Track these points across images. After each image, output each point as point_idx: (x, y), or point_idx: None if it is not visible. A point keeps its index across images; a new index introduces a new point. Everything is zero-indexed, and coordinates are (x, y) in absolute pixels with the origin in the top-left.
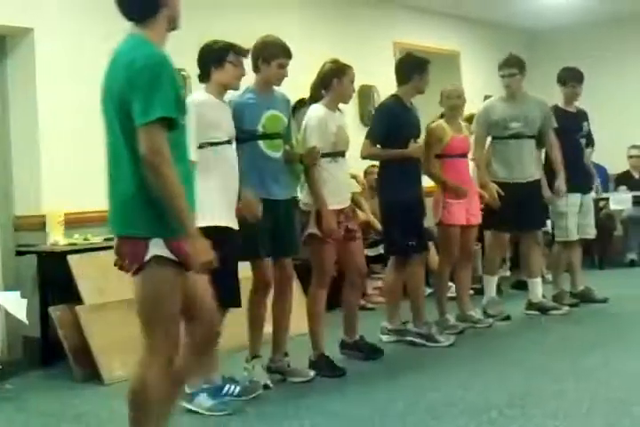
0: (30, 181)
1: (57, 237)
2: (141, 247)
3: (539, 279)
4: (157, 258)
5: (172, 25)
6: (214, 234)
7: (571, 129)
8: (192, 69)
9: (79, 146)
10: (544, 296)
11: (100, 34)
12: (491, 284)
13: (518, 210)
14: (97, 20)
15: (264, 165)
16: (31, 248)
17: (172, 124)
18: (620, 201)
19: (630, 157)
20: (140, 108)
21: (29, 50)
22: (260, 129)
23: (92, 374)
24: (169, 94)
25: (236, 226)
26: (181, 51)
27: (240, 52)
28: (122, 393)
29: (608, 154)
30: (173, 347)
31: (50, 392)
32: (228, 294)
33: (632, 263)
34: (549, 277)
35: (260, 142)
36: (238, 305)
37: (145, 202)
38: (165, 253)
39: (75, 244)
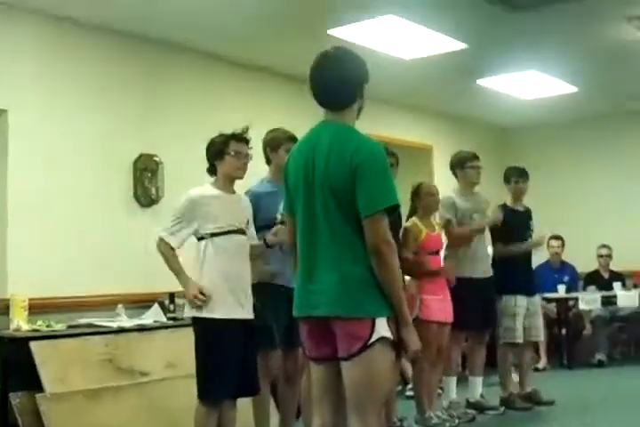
0: None
1: (20, 323)
2: (368, 328)
3: (480, 378)
4: (383, 339)
5: (359, 115)
6: (204, 325)
7: (520, 228)
8: (164, 156)
9: (47, 231)
10: (482, 395)
11: (75, 116)
12: (450, 385)
13: (481, 307)
14: (72, 102)
15: (283, 253)
16: None
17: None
18: (590, 301)
19: (600, 256)
20: (367, 198)
21: (2, 130)
22: (279, 216)
23: None
24: (392, 182)
25: (242, 315)
26: (153, 138)
27: (240, 138)
28: None
29: (578, 253)
30: None
31: None
32: (208, 386)
33: (600, 364)
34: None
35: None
36: (212, 398)
37: (375, 284)
38: (389, 335)
39: (38, 330)
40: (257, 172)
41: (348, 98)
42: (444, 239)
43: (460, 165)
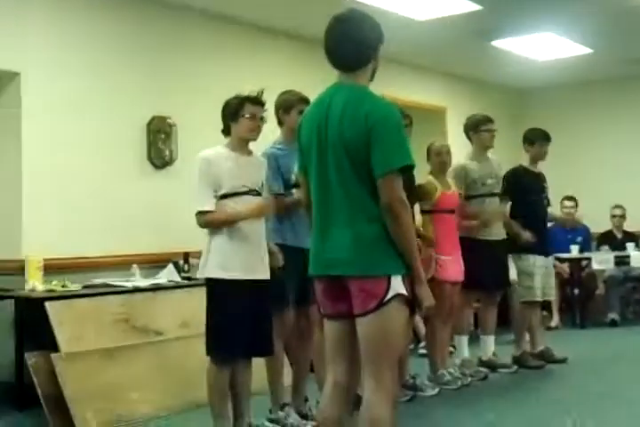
0: (11, 225)
1: (35, 283)
2: (383, 285)
3: (492, 337)
4: (399, 296)
5: (372, 76)
6: (217, 285)
7: (536, 189)
8: (177, 118)
9: (62, 193)
10: (494, 354)
11: (87, 77)
12: (462, 343)
13: (494, 269)
14: (85, 64)
15: (294, 214)
16: (9, 293)
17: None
18: (603, 261)
19: (613, 216)
20: (382, 157)
21: (16, 94)
22: (292, 178)
23: (66, 423)
24: (407, 142)
25: (255, 276)
26: (167, 99)
27: (256, 101)
28: None
29: (591, 213)
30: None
31: None
32: (216, 344)
33: (613, 323)
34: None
35: (294, 191)
36: (220, 356)
37: (390, 242)
38: (405, 291)
39: (53, 290)
40: (266, 134)
41: (363, 58)
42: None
43: (474, 128)
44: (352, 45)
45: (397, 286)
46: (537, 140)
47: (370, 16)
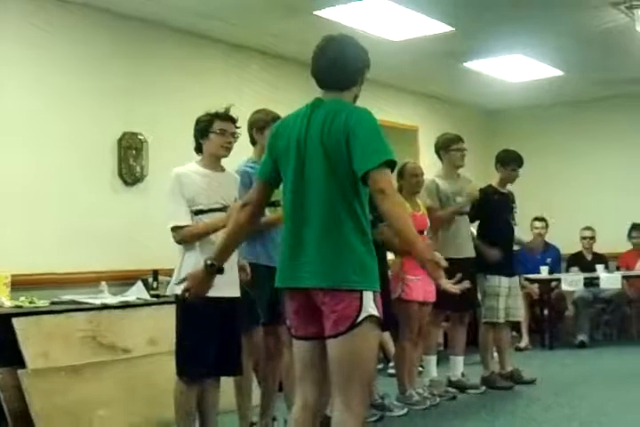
0: None
1: (2, 299)
2: (355, 306)
3: (461, 357)
4: (370, 317)
5: (355, 100)
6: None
7: (504, 210)
8: (148, 134)
9: (32, 208)
10: (463, 374)
11: (58, 92)
12: (431, 363)
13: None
14: (56, 78)
15: (267, 233)
16: None
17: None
18: (572, 282)
19: (583, 238)
20: (362, 154)
21: None
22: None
23: None
24: (386, 140)
25: (226, 294)
26: (138, 115)
27: (225, 117)
28: None
29: (561, 234)
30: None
31: None
32: (185, 363)
33: (581, 344)
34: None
35: (267, 210)
36: (190, 375)
37: (364, 256)
38: (376, 312)
39: (20, 306)
40: (237, 152)
41: (350, 79)
42: (428, 221)
43: (444, 147)
44: (341, 65)
45: (369, 306)
46: (510, 163)
47: (357, 41)
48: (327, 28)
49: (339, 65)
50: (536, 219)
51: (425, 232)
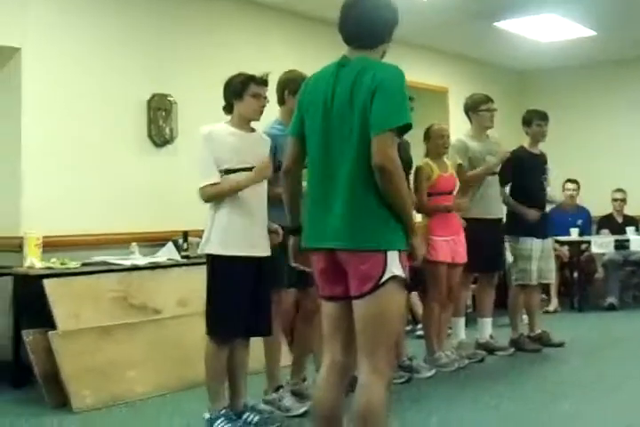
0: (10, 202)
1: (34, 260)
2: (380, 266)
3: (489, 319)
4: (395, 277)
5: (382, 57)
6: (218, 262)
7: (536, 171)
8: (178, 96)
9: (62, 169)
10: (491, 337)
11: (88, 54)
12: (459, 325)
13: (492, 249)
14: (85, 41)
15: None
16: (7, 270)
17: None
18: (602, 244)
19: (614, 200)
20: (380, 115)
21: (16, 69)
22: None
23: (62, 401)
24: (407, 103)
25: (257, 253)
26: (167, 77)
27: (262, 82)
28: (89, 423)
29: (592, 196)
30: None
31: (18, 419)
32: (216, 323)
33: (611, 307)
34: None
35: None
36: (221, 335)
37: (388, 214)
38: (401, 273)
39: (51, 268)
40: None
41: (378, 37)
42: (457, 181)
43: (473, 107)
44: (369, 24)
45: (394, 266)
46: (534, 120)
47: None
48: None
49: (366, 23)
50: (568, 180)
51: (454, 193)
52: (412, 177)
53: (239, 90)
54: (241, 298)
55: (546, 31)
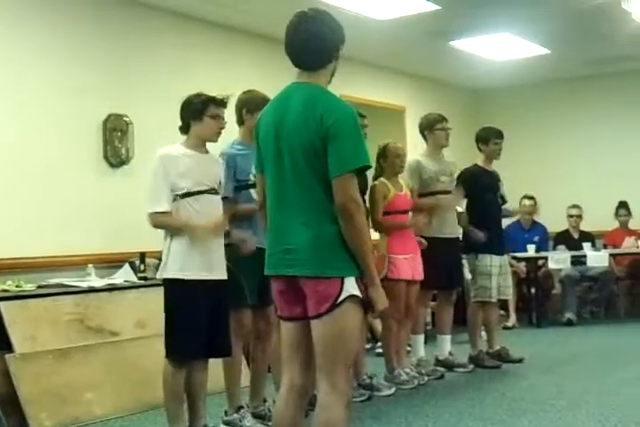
0: None
1: None
2: (337, 287)
3: (448, 336)
4: (352, 297)
5: (331, 76)
6: (175, 286)
7: (491, 188)
8: (134, 116)
9: (16, 191)
10: (451, 353)
11: (44, 73)
12: (419, 342)
13: (450, 267)
14: (42, 60)
15: (253, 218)
16: None
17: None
18: (559, 260)
19: (570, 216)
20: (338, 158)
21: None
22: (251, 178)
23: (20, 423)
24: (363, 142)
25: (215, 277)
26: (124, 97)
27: (221, 103)
28: None
29: (548, 213)
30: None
31: None
32: (175, 346)
33: (569, 322)
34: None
35: (252, 191)
36: (179, 357)
37: (345, 244)
38: (358, 292)
39: (7, 290)
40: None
41: (324, 57)
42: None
43: (429, 127)
44: (314, 44)
45: (350, 287)
46: (491, 138)
47: (332, 16)
48: (313, 6)
49: (312, 45)
50: (525, 197)
51: (409, 212)
52: (367, 197)
53: (198, 111)
54: (199, 320)
55: (500, 50)
